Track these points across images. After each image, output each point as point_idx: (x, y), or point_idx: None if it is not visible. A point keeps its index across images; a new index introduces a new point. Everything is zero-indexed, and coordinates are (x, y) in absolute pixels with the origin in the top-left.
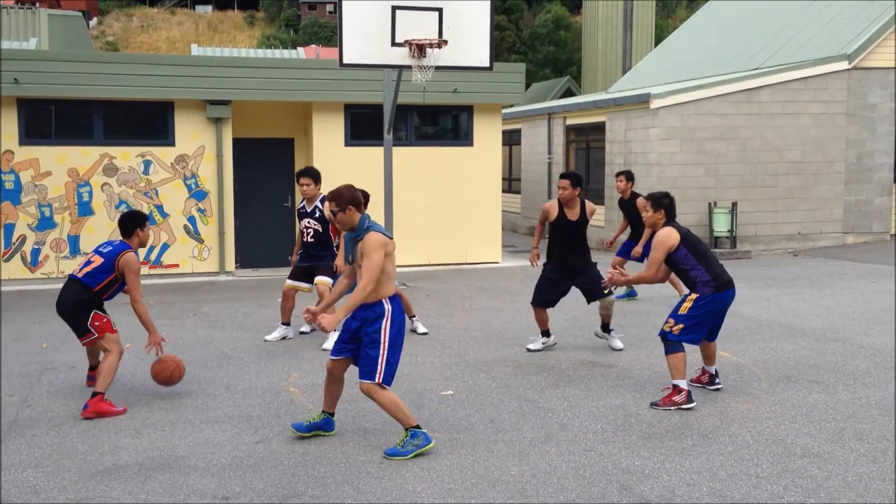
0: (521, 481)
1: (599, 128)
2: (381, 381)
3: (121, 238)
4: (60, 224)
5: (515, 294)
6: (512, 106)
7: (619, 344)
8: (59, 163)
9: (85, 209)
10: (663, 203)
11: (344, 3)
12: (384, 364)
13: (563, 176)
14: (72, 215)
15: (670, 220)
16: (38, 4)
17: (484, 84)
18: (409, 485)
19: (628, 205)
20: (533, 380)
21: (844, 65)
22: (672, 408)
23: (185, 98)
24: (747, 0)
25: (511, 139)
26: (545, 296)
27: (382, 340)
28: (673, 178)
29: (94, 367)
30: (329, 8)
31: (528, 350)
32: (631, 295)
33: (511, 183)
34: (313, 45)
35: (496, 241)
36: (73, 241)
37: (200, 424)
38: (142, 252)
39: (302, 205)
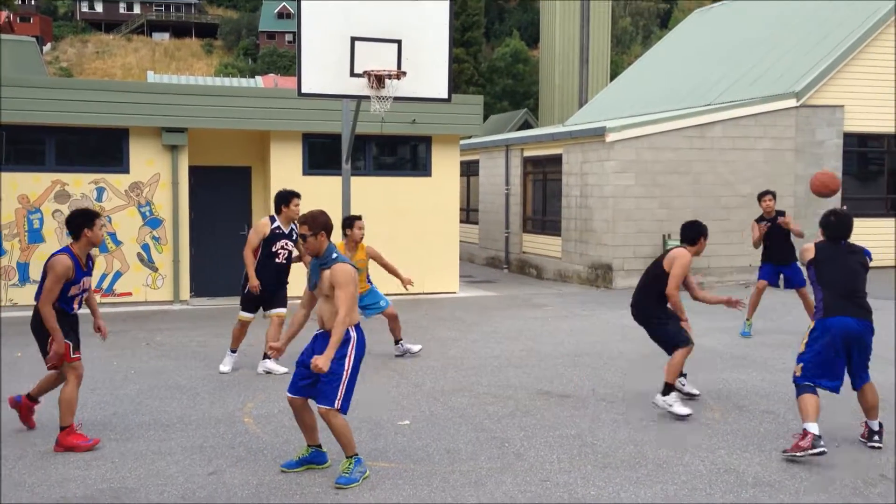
0: None
1: (556, 160)
2: (339, 407)
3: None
4: (10, 251)
5: (472, 324)
6: (470, 137)
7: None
8: (10, 189)
9: (35, 236)
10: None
11: (303, 32)
12: (344, 391)
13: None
14: (21, 242)
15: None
16: None
17: (442, 115)
18: None
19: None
20: (489, 410)
21: (793, 102)
22: (798, 453)
23: (139, 125)
24: (700, 38)
25: (469, 170)
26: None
27: (346, 367)
28: (628, 211)
29: (32, 398)
30: (288, 38)
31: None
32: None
33: (469, 213)
34: (272, 74)
35: (454, 272)
36: (23, 269)
37: (152, 456)
38: (96, 253)
39: (276, 226)
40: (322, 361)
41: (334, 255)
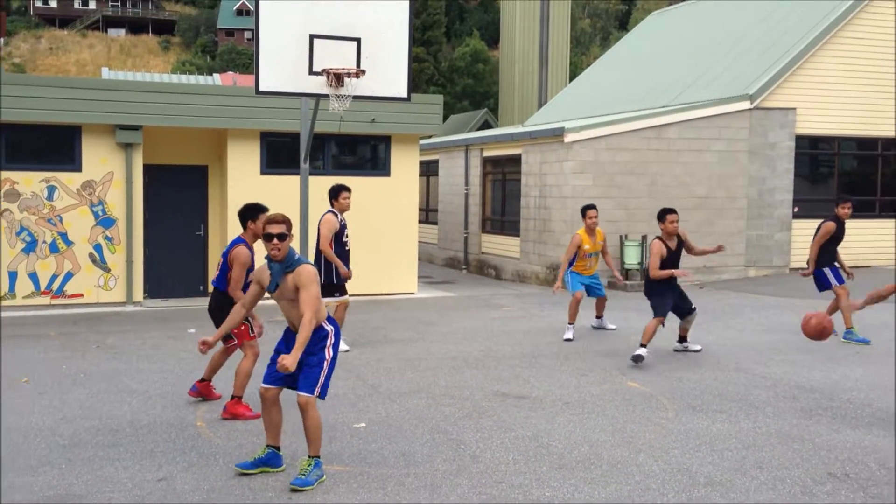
0: None
1: (516, 160)
2: (319, 394)
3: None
4: None
5: (430, 325)
6: (430, 137)
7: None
8: None
9: None
10: None
11: (261, 30)
12: (324, 379)
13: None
14: None
15: None
16: None
17: (402, 115)
18: None
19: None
20: (446, 411)
21: (746, 104)
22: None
23: (93, 122)
24: (657, 40)
25: (428, 170)
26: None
27: (327, 357)
28: None
29: (203, 380)
30: (247, 35)
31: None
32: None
33: (428, 214)
34: (230, 72)
35: (412, 272)
36: None
37: (100, 461)
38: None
39: (341, 218)
40: (289, 361)
41: (296, 257)
